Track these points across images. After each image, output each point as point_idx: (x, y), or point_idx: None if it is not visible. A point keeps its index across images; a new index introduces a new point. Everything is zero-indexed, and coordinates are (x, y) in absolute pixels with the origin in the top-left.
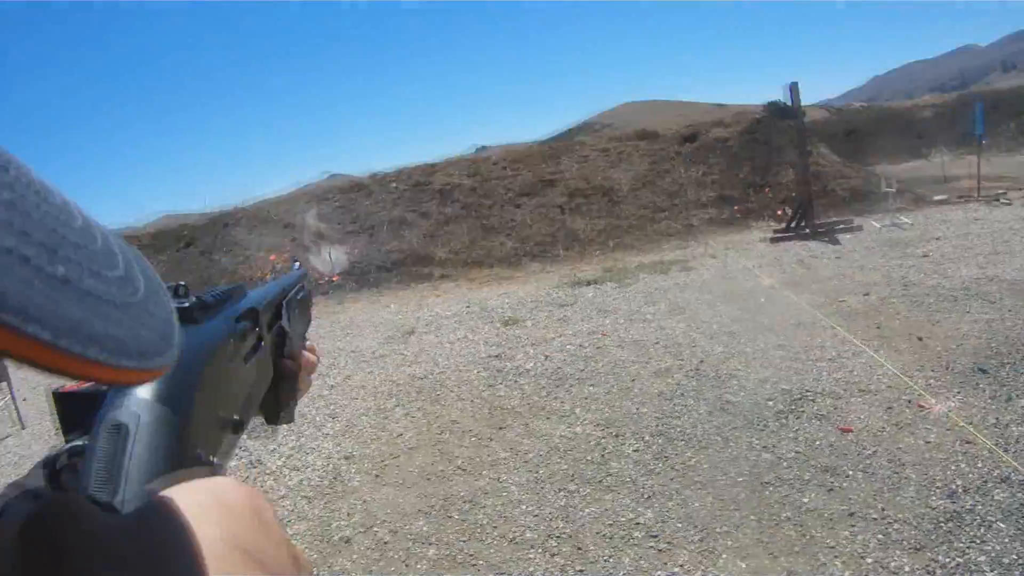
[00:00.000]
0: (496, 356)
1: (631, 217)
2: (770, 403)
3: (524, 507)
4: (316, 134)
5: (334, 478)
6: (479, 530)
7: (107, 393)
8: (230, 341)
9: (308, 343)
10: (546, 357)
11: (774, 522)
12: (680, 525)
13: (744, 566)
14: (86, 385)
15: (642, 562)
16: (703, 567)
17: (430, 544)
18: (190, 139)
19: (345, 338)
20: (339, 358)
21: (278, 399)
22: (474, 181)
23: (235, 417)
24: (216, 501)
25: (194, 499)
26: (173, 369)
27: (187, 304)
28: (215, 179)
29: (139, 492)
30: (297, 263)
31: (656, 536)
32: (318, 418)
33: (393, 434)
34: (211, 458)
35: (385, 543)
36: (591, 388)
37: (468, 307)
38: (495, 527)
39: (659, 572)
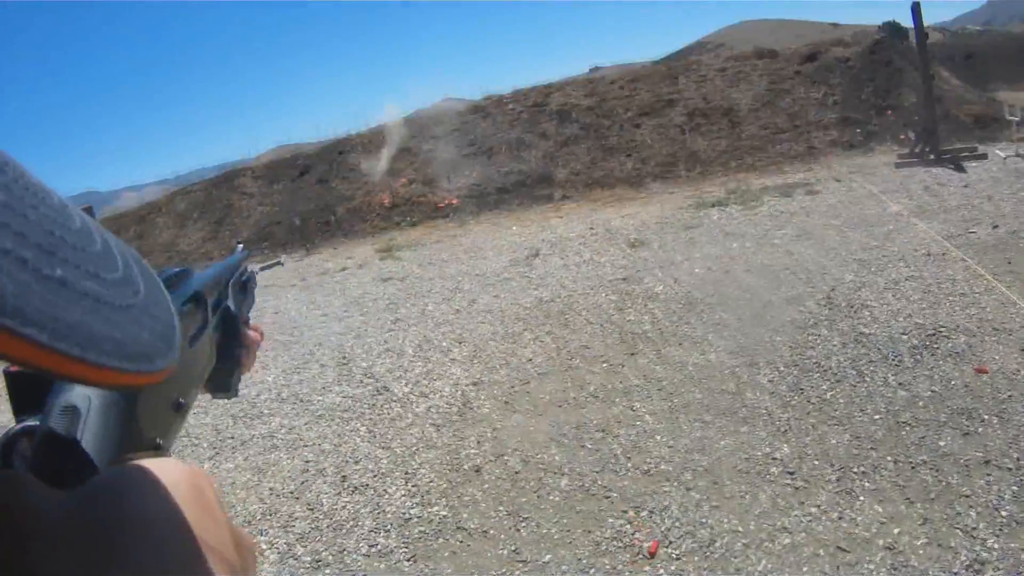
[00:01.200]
0: (624, 279)
1: (752, 138)
2: (904, 337)
3: (658, 438)
4: (431, 60)
5: (463, 405)
6: (612, 460)
7: None
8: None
9: (252, 323)
10: (675, 281)
11: (911, 465)
12: (817, 463)
13: (880, 510)
14: None
15: (779, 500)
16: (840, 508)
17: (562, 474)
18: (304, 70)
19: (469, 261)
20: (463, 282)
21: (222, 375)
22: (592, 101)
23: (180, 399)
24: (159, 480)
25: (137, 478)
26: None
27: None
28: (329, 109)
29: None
30: (240, 245)
31: (793, 473)
32: (444, 343)
33: (522, 359)
34: (157, 440)
35: (516, 472)
36: (723, 314)
37: (592, 228)
38: (629, 458)
39: (796, 511)
